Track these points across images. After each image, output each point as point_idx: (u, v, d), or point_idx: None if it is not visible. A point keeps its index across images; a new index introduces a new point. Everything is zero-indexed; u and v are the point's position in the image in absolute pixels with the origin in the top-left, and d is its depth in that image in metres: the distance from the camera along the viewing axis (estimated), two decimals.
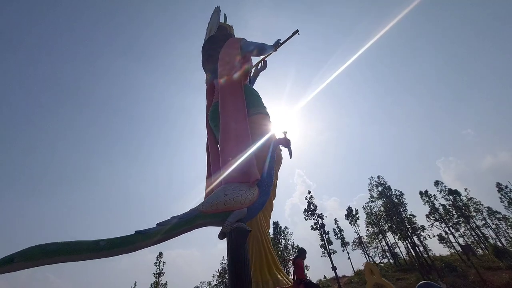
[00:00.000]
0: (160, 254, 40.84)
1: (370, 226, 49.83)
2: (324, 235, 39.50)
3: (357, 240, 50.21)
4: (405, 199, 41.58)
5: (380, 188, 45.81)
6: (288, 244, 48.09)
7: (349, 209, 48.36)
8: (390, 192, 43.76)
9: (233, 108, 5.63)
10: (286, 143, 5.69)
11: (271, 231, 50.31)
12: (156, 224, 3.85)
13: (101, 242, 3.22)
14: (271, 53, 7.60)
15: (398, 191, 42.98)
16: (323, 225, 39.90)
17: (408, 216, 39.64)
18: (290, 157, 5.83)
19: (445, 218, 41.69)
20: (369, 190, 47.76)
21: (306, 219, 42.02)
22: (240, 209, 4.25)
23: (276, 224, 51.05)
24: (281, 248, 45.93)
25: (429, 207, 43.40)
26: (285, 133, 5.86)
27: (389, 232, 45.21)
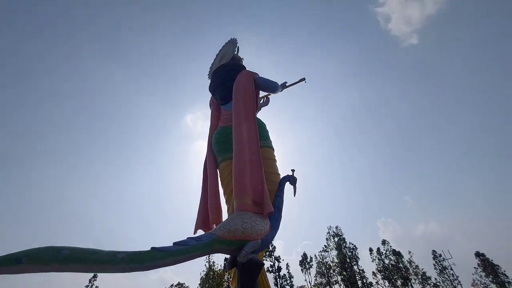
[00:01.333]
0: (95, 276, 34.46)
1: (319, 275, 50.10)
2: (278, 279, 38.33)
3: None
4: (358, 253, 43.53)
5: (336, 239, 47.47)
6: None
7: (304, 256, 48.49)
8: (345, 244, 45.53)
9: (247, 136, 5.71)
10: (294, 180, 5.82)
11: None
12: (173, 243, 3.60)
13: (119, 254, 2.88)
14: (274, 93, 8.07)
15: (352, 244, 45.04)
16: (279, 269, 38.96)
17: (359, 270, 41.17)
18: (294, 195, 5.83)
19: (392, 278, 44.19)
20: (327, 239, 49.13)
21: (263, 259, 40.57)
22: (256, 240, 4.35)
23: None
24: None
25: (376, 264, 45.88)
26: (293, 170, 6.03)
27: (337, 285, 45.86)
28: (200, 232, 5.98)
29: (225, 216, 5.97)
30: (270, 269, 39.81)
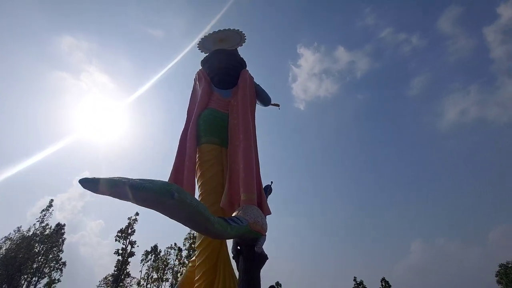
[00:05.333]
0: None
1: (152, 269, 49.69)
2: (123, 266, 35.48)
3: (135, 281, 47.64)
4: None
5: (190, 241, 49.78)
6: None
7: (155, 248, 47.46)
8: None
9: (253, 138, 5.78)
10: (270, 191, 6.16)
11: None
12: (226, 219, 3.53)
13: (213, 217, 2.84)
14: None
15: None
16: (131, 254, 36.28)
17: None
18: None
19: None
20: (185, 238, 50.58)
21: (116, 240, 36.75)
22: (264, 235, 4.22)
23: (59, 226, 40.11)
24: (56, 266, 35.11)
25: None
26: (271, 182, 6.38)
27: (167, 282, 47.32)
28: None
29: (197, 195, 5.59)
30: (121, 252, 36.54)
